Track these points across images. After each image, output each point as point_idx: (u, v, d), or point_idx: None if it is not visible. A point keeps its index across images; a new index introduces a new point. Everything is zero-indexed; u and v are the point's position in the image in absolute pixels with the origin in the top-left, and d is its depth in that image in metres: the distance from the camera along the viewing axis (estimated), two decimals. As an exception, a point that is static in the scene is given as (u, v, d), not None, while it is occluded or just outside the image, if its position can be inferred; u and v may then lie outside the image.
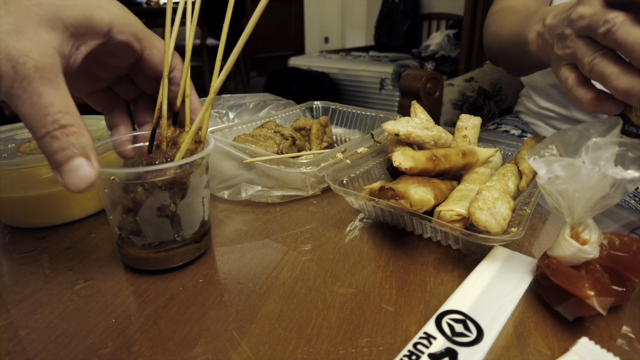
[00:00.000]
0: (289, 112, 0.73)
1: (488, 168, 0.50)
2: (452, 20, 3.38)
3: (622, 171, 0.30)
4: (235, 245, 0.44)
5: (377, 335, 0.31)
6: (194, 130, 0.36)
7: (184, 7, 0.40)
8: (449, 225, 0.38)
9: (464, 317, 0.32)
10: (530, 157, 0.34)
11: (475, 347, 0.29)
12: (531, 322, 0.33)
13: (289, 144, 0.58)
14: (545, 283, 0.34)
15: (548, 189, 0.33)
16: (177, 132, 0.41)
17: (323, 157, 0.51)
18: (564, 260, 0.33)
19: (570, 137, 0.36)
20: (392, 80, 2.75)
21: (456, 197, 0.42)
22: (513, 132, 0.88)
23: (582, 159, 0.31)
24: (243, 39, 0.34)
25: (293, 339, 0.31)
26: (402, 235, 0.45)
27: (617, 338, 0.32)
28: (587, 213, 0.32)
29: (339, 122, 0.75)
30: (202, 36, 3.24)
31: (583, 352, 0.29)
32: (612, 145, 0.31)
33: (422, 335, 0.30)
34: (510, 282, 0.36)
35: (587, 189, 0.31)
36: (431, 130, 0.49)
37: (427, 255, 0.42)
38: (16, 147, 0.47)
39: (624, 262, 0.33)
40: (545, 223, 0.48)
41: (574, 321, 0.32)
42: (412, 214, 0.39)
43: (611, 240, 0.34)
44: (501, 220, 0.37)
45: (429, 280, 0.38)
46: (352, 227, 0.47)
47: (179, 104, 0.40)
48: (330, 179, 0.46)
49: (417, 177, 0.43)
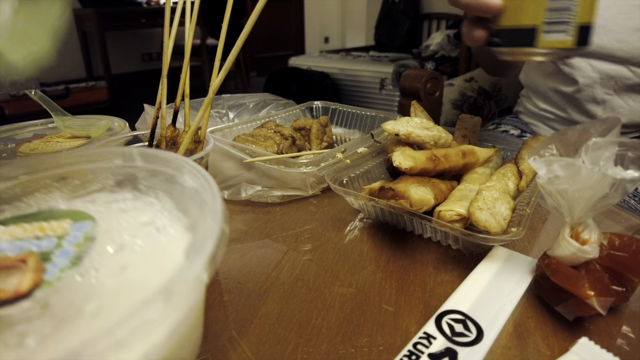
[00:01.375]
0: (289, 112, 0.73)
1: (488, 168, 0.50)
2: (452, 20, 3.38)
3: (621, 171, 0.30)
4: (235, 245, 0.44)
5: (377, 335, 0.31)
6: (193, 129, 0.36)
7: (182, 6, 0.40)
8: (448, 225, 0.38)
9: (464, 317, 0.31)
10: (530, 157, 0.34)
11: (475, 347, 0.29)
12: (531, 322, 0.33)
13: (288, 143, 0.58)
14: (545, 283, 0.34)
15: (548, 188, 0.33)
16: (177, 131, 0.41)
17: (323, 157, 0.51)
18: (563, 260, 0.33)
19: (570, 137, 0.36)
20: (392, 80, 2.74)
21: (456, 197, 0.42)
22: (513, 132, 0.88)
23: (582, 158, 0.31)
24: (242, 38, 0.34)
25: (293, 339, 0.31)
26: (402, 235, 0.45)
27: (617, 338, 0.31)
28: (587, 213, 0.32)
29: (339, 122, 0.75)
30: (202, 36, 3.24)
31: (583, 352, 0.29)
32: (611, 145, 0.31)
33: (422, 335, 0.30)
34: (510, 282, 0.36)
35: (587, 189, 0.31)
36: (431, 130, 0.49)
37: (427, 255, 0.41)
38: (16, 147, 0.47)
39: (624, 262, 0.33)
40: (545, 223, 0.48)
41: (573, 321, 0.32)
42: (412, 214, 0.39)
43: (611, 240, 0.34)
44: (501, 220, 0.37)
45: (428, 280, 0.38)
46: (352, 227, 0.47)
47: (178, 103, 0.40)
48: (330, 178, 0.46)
49: (417, 177, 0.43)
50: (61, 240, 0.23)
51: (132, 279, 0.21)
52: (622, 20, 0.68)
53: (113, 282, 0.21)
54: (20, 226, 0.23)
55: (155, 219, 0.25)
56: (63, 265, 0.21)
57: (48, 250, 0.22)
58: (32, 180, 0.26)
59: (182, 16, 0.40)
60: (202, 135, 0.39)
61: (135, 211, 0.26)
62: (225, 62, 0.35)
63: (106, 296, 0.20)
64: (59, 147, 0.47)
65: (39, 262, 0.21)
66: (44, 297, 0.20)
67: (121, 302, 0.20)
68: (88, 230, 0.23)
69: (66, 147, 0.46)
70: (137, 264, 0.22)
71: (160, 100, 0.40)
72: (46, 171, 0.27)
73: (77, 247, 0.22)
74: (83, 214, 0.25)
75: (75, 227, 0.24)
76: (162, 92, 0.39)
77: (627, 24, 0.67)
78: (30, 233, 0.23)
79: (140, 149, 0.27)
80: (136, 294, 0.20)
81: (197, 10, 0.39)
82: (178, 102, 0.40)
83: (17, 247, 0.22)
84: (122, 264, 0.22)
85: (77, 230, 0.23)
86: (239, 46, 0.34)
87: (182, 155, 0.36)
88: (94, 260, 0.22)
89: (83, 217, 0.25)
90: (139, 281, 0.21)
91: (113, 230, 0.24)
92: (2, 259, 0.21)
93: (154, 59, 3.91)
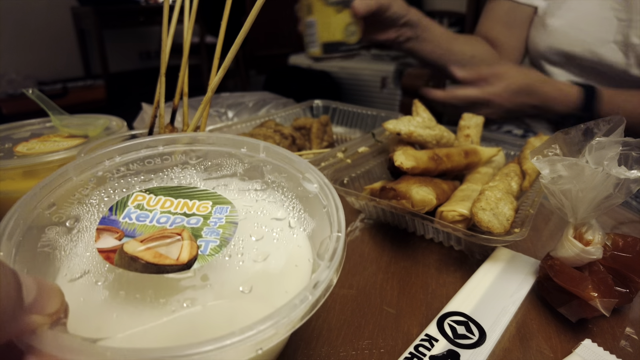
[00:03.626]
0: (289, 111, 0.72)
1: (491, 168, 0.49)
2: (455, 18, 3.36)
3: (625, 171, 0.29)
4: (234, 245, 0.43)
5: (378, 338, 0.31)
6: (191, 128, 0.36)
7: (181, 4, 0.39)
8: (451, 225, 0.38)
9: (466, 319, 0.31)
10: (534, 156, 0.33)
11: (478, 349, 0.29)
12: (534, 323, 0.33)
13: (288, 143, 0.57)
14: (548, 284, 0.33)
15: (551, 188, 0.32)
16: (175, 130, 0.40)
17: (323, 156, 0.51)
18: (567, 261, 0.33)
19: (573, 137, 0.35)
20: (393, 79, 2.73)
21: (458, 197, 0.42)
22: (516, 131, 0.87)
23: (586, 158, 0.31)
24: (241, 36, 0.33)
25: (293, 341, 0.31)
26: (403, 236, 0.44)
27: (621, 340, 0.31)
28: (590, 213, 0.32)
29: (340, 121, 0.75)
30: (201, 34, 3.22)
31: (586, 354, 0.29)
32: (615, 145, 0.30)
33: (424, 337, 0.29)
34: (513, 284, 0.35)
35: (591, 189, 0.31)
36: (433, 130, 0.49)
37: (429, 257, 0.41)
38: (13, 147, 0.47)
39: (627, 263, 0.32)
40: (548, 223, 0.48)
41: (577, 323, 0.32)
42: (414, 214, 0.39)
43: (615, 241, 0.34)
44: (504, 221, 0.37)
45: (430, 281, 0.37)
46: (353, 228, 0.47)
47: (176, 102, 0.40)
48: (330, 178, 0.46)
49: (419, 177, 0.43)
50: (207, 220, 0.25)
51: (273, 268, 0.24)
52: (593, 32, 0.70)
53: (258, 268, 0.23)
54: (168, 199, 0.26)
55: (288, 216, 0.28)
56: (213, 244, 0.23)
57: (198, 227, 0.24)
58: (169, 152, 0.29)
59: (180, 14, 0.40)
60: (201, 135, 0.39)
61: (268, 204, 0.28)
62: (224, 60, 0.35)
63: (254, 279, 0.23)
64: (57, 146, 0.46)
65: (192, 238, 0.24)
66: (201, 269, 0.22)
67: (269, 287, 0.23)
68: (229, 214, 0.26)
69: (63, 147, 0.45)
70: (276, 255, 0.24)
71: (158, 98, 0.39)
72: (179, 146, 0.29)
73: (223, 229, 0.24)
74: (222, 198, 0.27)
75: (217, 209, 0.26)
76: (160, 90, 0.39)
77: (598, 35, 0.70)
78: (179, 209, 0.26)
79: (265, 143, 0.29)
80: (278, 283, 0.23)
81: (195, 8, 0.39)
82: (176, 101, 0.40)
83: (171, 220, 0.25)
84: (264, 252, 0.24)
85: (219, 213, 0.26)
86: (238, 44, 0.33)
87: (181, 155, 0.36)
88: (239, 245, 0.24)
89: (222, 201, 0.27)
90: (280, 271, 0.24)
91: (251, 218, 0.27)
92: (163, 230, 0.24)
93: (152, 57, 3.89)
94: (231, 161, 0.30)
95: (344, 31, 0.61)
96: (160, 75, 0.39)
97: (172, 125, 0.40)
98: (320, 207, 0.26)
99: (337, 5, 0.60)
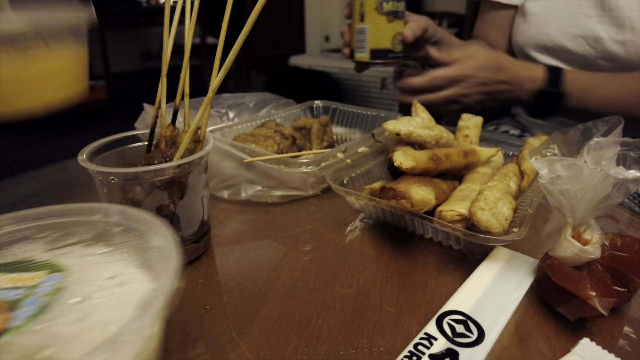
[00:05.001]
0: (289, 111, 0.73)
1: (490, 168, 0.49)
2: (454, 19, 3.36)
3: (624, 171, 0.29)
4: (234, 245, 0.44)
5: (378, 336, 0.31)
6: (192, 129, 0.36)
7: (182, 5, 0.40)
8: (450, 225, 0.38)
9: (465, 317, 0.31)
10: (532, 156, 0.34)
11: (477, 348, 0.29)
12: (533, 322, 0.33)
13: (289, 143, 0.57)
14: (546, 284, 0.34)
15: (550, 188, 0.33)
16: (176, 131, 0.40)
17: (323, 156, 0.51)
18: (565, 260, 0.33)
19: (572, 137, 0.35)
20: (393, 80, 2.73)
21: (457, 197, 0.42)
22: (513, 132, 0.88)
23: (584, 158, 0.31)
24: (242, 37, 0.33)
25: (293, 340, 0.31)
26: (403, 236, 0.45)
27: (619, 339, 0.31)
28: (589, 213, 0.32)
29: (340, 121, 0.75)
30: (202, 35, 3.23)
31: (585, 353, 0.29)
32: (614, 145, 0.31)
33: (423, 336, 0.30)
34: (511, 283, 0.35)
35: (589, 189, 0.31)
36: (432, 130, 0.49)
37: (428, 256, 0.41)
38: None
39: (626, 262, 0.33)
40: (547, 223, 0.48)
41: (575, 322, 0.32)
42: (413, 214, 0.39)
43: (613, 241, 0.34)
44: (503, 221, 0.37)
45: (430, 280, 0.38)
46: (353, 228, 0.47)
47: (177, 102, 0.40)
48: (330, 178, 0.46)
49: (418, 177, 0.43)
50: (33, 289, 0.25)
51: (91, 326, 0.23)
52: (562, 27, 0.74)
53: (73, 329, 0.23)
54: (3, 274, 0.26)
55: (122, 272, 0.27)
56: (28, 314, 0.23)
57: (18, 298, 0.24)
58: (17, 230, 0.28)
59: (181, 15, 0.40)
60: (202, 135, 0.39)
61: (106, 264, 0.28)
62: (225, 61, 0.35)
63: (62, 342, 0.22)
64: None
65: (7, 311, 0.23)
66: (8, 341, 0.22)
67: (79, 347, 0.22)
68: (59, 281, 0.25)
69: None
70: (98, 312, 0.24)
71: (159, 99, 0.39)
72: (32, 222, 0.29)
73: (46, 297, 0.24)
74: (59, 266, 0.27)
75: (49, 278, 0.26)
76: (161, 91, 0.39)
77: (567, 30, 0.73)
78: (10, 283, 0.25)
79: (120, 207, 0.29)
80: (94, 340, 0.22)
81: (196, 9, 0.39)
82: (178, 102, 0.40)
83: None
84: (83, 312, 0.24)
85: (50, 281, 0.25)
86: (238, 45, 0.34)
87: (181, 154, 0.36)
88: (57, 309, 0.24)
89: (58, 269, 0.27)
90: (100, 328, 0.23)
91: (84, 281, 0.26)
92: None
93: (154, 58, 3.90)
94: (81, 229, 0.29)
95: (392, 39, 0.65)
96: (161, 76, 0.39)
97: (173, 125, 0.41)
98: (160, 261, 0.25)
99: (389, 15, 0.64)
